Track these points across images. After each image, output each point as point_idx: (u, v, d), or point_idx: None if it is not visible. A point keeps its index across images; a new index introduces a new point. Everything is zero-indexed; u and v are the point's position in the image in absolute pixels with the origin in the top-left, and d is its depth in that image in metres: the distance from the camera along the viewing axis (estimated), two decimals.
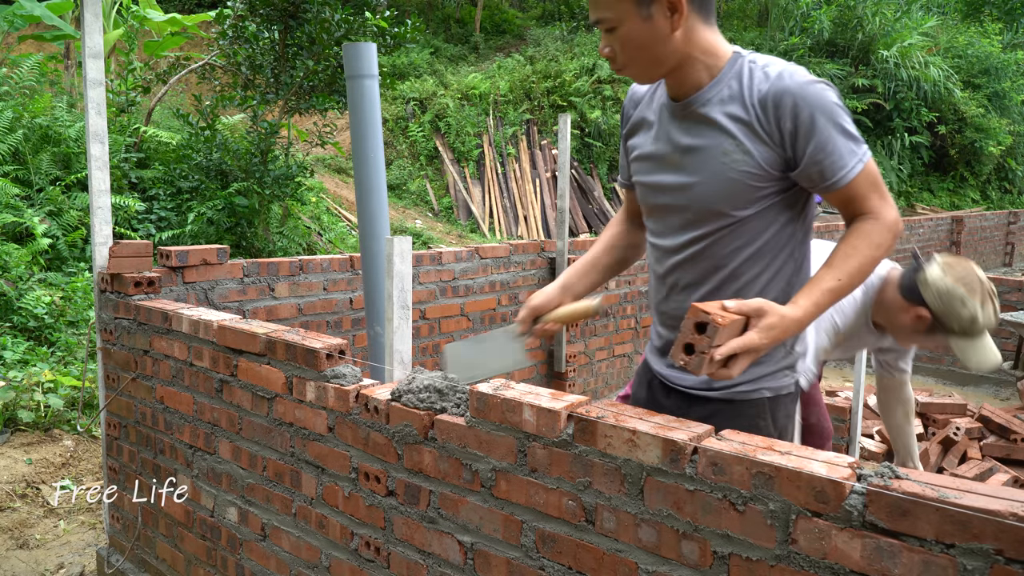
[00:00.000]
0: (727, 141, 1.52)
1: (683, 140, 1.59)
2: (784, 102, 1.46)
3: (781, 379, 1.64)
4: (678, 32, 1.50)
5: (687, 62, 1.54)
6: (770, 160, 1.50)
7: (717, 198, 1.54)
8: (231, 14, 6.46)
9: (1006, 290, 6.30)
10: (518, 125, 12.69)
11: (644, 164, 1.68)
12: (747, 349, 1.36)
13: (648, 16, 1.48)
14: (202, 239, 6.53)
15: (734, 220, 1.55)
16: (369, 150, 2.83)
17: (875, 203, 1.49)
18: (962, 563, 1.03)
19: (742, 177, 1.51)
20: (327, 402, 1.90)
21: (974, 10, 21.96)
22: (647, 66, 1.55)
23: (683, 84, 1.57)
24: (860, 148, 1.49)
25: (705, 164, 1.55)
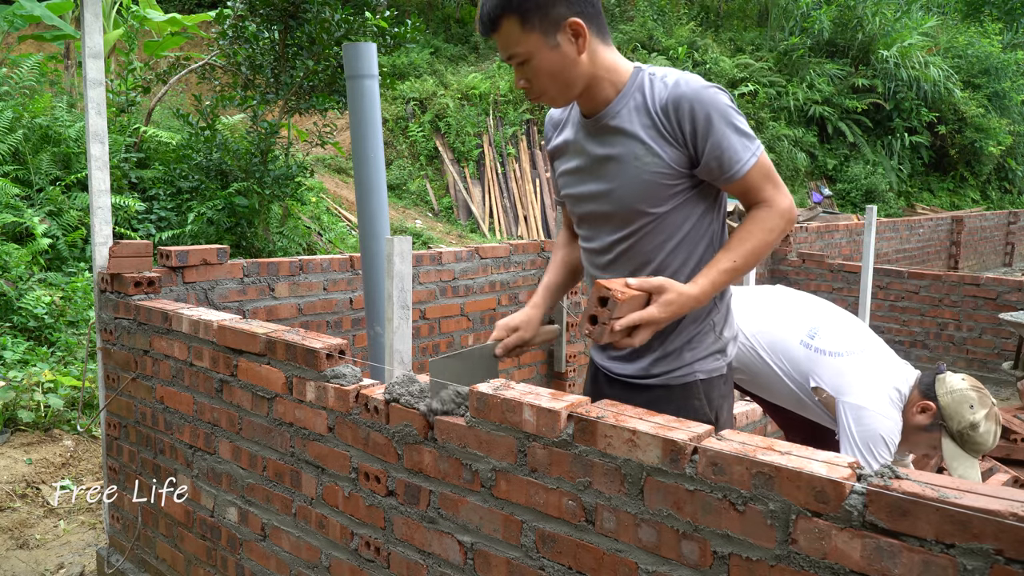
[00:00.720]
0: (637, 147, 1.65)
1: (598, 151, 1.73)
2: (682, 106, 1.60)
3: (712, 362, 1.78)
4: (584, 55, 1.64)
5: (594, 81, 1.68)
6: (677, 159, 1.63)
7: (635, 199, 1.68)
8: (231, 14, 6.46)
9: (1006, 290, 6.30)
10: (518, 125, 12.69)
11: (568, 178, 1.82)
12: (646, 321, 1.55)
13: (556, 45, 1.61)
14: (202, 239, 6.53)
15: (654, 217, 1.68)
16: (369, 150, 2.83)
17: (769, 192, 1.65)
18: (962, 563, 1.03)
19: (655, 178, 1.65)
20: (327, 402, 1.90)
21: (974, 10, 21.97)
22: (561, 90, 1.68)
23: (593, 101, 1.71)
24: (753, 144, 1.63)
25: (621, 170, 1.69)
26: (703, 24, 16.58)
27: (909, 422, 2.43)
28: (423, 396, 1.70)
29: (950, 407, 2.36)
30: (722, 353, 1.79)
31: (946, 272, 8.12)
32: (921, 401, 2.41)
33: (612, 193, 1.71)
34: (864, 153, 15.36)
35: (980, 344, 6.40)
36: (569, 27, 1.60)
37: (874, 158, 15.39)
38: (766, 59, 15.66)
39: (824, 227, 8.06)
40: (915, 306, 6.71)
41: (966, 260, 11.05)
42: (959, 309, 6.48)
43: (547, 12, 1.59)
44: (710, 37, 15.74)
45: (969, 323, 6.43)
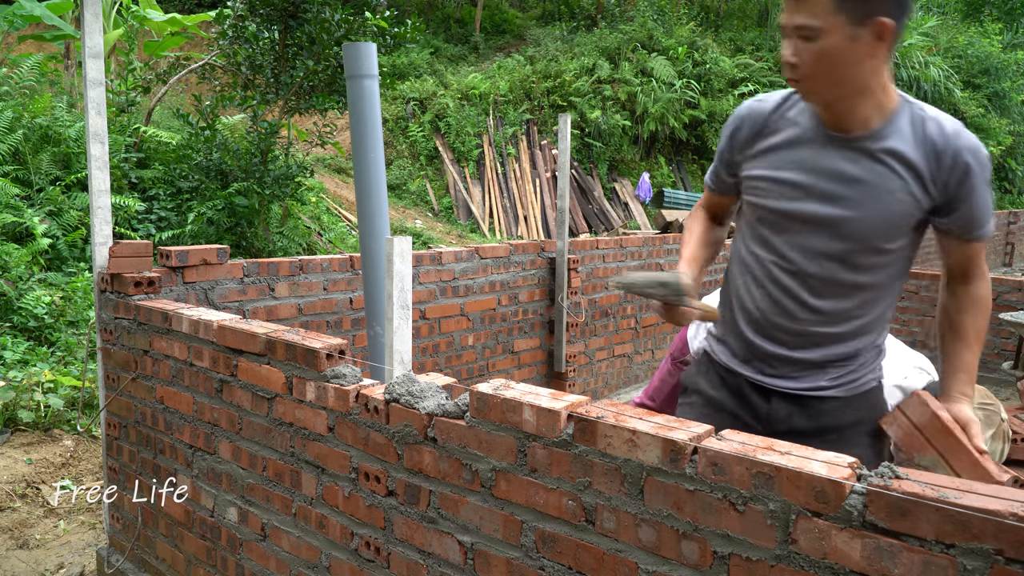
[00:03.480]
0: (894, 180, 1.59)
1: (847, 170, 1.61)
2: (960, 159, 1.56)
3: (877, 371, 1.81)
4: (872, 61, 1.53)
5: (864, 94, 1.57)
6: (926, 203, 1.61)
7: (876, 232, 1.62)
8: (231, 14, 6.46)
9: (1006, 290, 6.30)
10: (518, 125, 12.69)
11: (776, 187, 1.68)
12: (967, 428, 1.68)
13: (855, 37, 1.50)
14: (202, 239, 6.53)
15: (879, 255, 1.65)
16: (369, 150, 2.83)
17: (983, 264, 1.70)
18: (962, 563, 1.03)
19: (900, 215, 1.60)
20: (327, 402, 1.90)
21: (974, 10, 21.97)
22: (830, 84, 1.56)
23: (851, 115, 1.59)
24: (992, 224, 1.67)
25: (869, 198, 1.60)
26: (703, 24, 16.59)
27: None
28: (423, 396, 1.70)
29: None
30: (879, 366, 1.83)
31: None
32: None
33: (851, 221, 1.61)
34: None
35: None
36: (877, 26, 1.48)
37: None
38: (766, 59, 15.66)
39: None
40: (915, 306, 6.71)
41: None
42: None
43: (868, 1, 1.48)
44: (710, 37, 15.75)
45: None
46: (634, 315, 5.51)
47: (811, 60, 1.53)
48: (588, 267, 5.15)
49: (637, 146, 14.08)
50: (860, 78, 1.54)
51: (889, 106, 1.59)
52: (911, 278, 6.70)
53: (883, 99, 1.58)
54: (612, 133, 12.98)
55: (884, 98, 1.58)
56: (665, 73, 14.06)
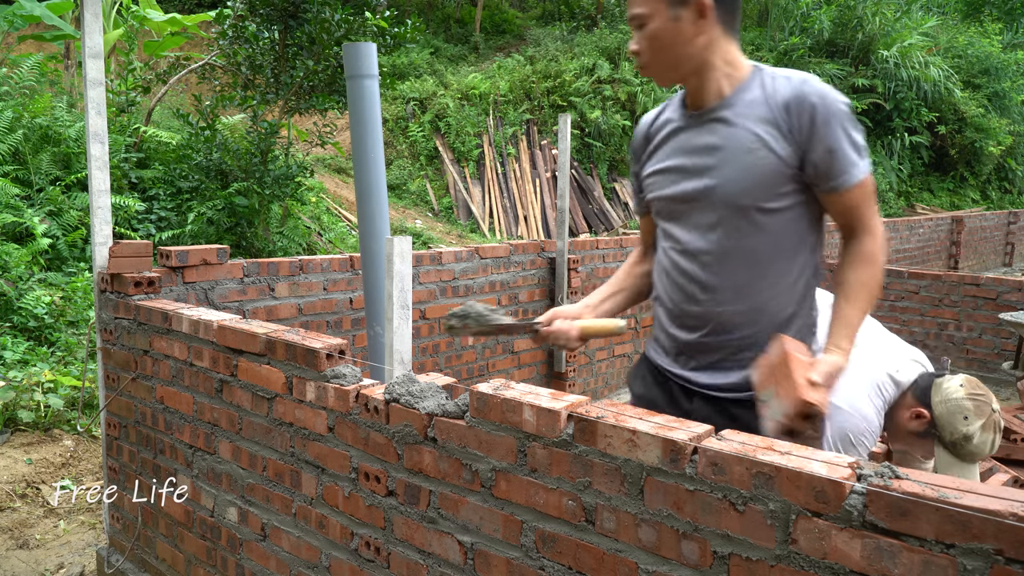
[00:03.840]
0: (751, 139, 1.61)
1: (706, 141, 1.67)
2: (805, 103, 1.57)
3: None
4: (702, 38, 1.61)
5: (707, 69, 1.65)
6: (790, 157, 1.59)
7: (742, 193, 1.62)
8: (231, 14, 6.46)
9: (1006, 290, 6.30)
10: (518, 125, 12.69)
11: (662, 177, 1.76)
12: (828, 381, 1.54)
13: (677, 17, 1.59)
14: (202, 239, 6.53)
15: (759, 216, 1.63)
16: (369, 150, 2.83)
17: (869, 216, 1.63)
18: (962, 563, 1.03)
19: (765, 172, 1.60)
20: (327, 402, 1.90)
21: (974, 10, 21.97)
22: (668, 66, 1.65)
23: (703, 92, 1.67)
24: (864, 161, 1.61)
25: (729, 161, 1.63)
26: None
27: (903, 427, 2.37)
28: (423, 396, 1.70)
29: (943, 417, 2.28)
30: None
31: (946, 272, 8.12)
32: (915, 407, 2.33)
33: (717, 187, 1.64)
34: None
35: (980, 344, 6.40)
36: (696, 4, 1.58)
37: (874, 158, 15.39)
38: (766, 59, 15.65)
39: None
40: (915, 306, 6.71)
41: (966, 260, 11.05)
42: (959, 309, 6.48)
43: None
44: None
45: (969, 323, 6.43)
46: (634, 315, 5.51)
47: (647, 46, 1.63)
48: (588, 267, 5.15)
49: None
50: (695, 55, 1.62)
51: (739, 76, 1.65)
52: (911, 278, 6.70)
53: (731, 71, 1.65)
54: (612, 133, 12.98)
55: (732, 70, 1.65)
56: None
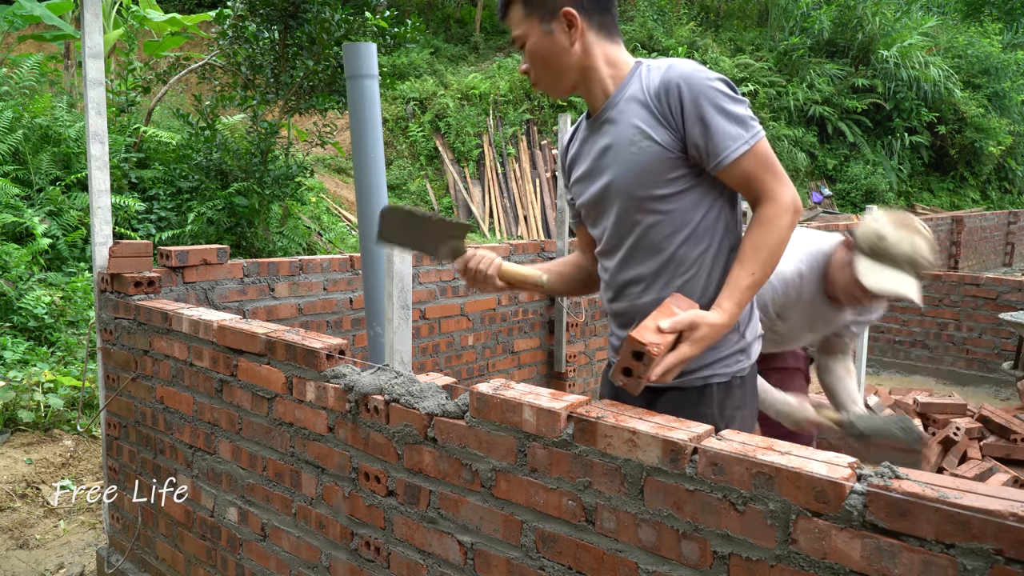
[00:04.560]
0: (631, 130, 1.64)
1: (600, 144, 1.73)
2: (671, 88, 1.58)
3: (733, 364, 1.72)
4: (576, 46, 1.66)
5: (590, 74, 1.69)
6: (670, 143, 1.61)
7: (633, 184, 1.66)
8: (231, 14, 6.46)
9: (1006, 290, 6.30)
10: (518, 125, 12.69)
11: (580, 186, 1.81)
12: (680, 362, 1.50)
13: (549, 31, 1.65)
14: (202, 239, 6.53)
15: (656, 203, 1.65)
16: (369, 150, 2.83)
17: (769, 183, 1.59)
18: (962, 563, 1.03)
19: (649, 161, 1.62)
20: (327, 402, 1.90)
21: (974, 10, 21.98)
22: (554, 77, 1.71)
23: (594, 96, 1.72)
24: (748, 131, 1.58)
25: (617, 156, 1.68)
26: (703, 24, 16.59)
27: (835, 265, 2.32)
28: (423, 396, 1.70)
29: (860, 230, 2.24)
30: (744, 354, 1.74)
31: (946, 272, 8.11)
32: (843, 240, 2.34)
33: (611, 184, 1.69)
34: (864, 153, 15.37)
35: (980, 344, 6.40)
36: (564, 16, 1.63)
37: (874, 158, 15.40)
38: (766, 59, 15.66)
39: (824, 227, 8.06)
40: (915, 306, 6.70)
41: (966, 260, 11.05)
42: (959, 309, 6.48)
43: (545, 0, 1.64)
44: (710, 37, 15.75)
45: (969, 323, 6.43)
46: None
47: (531, 64, 1.71)
48: None
49: None
50: (575, 64, 1.67)
51: (621, 74, 1.69)
52: None
53: (614, 71, 1.69)
54: None
55: (614, 70, 1.69)
56: None
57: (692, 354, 1.50)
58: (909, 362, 6.73)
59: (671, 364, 1.48)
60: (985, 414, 4.65)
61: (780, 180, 1.60)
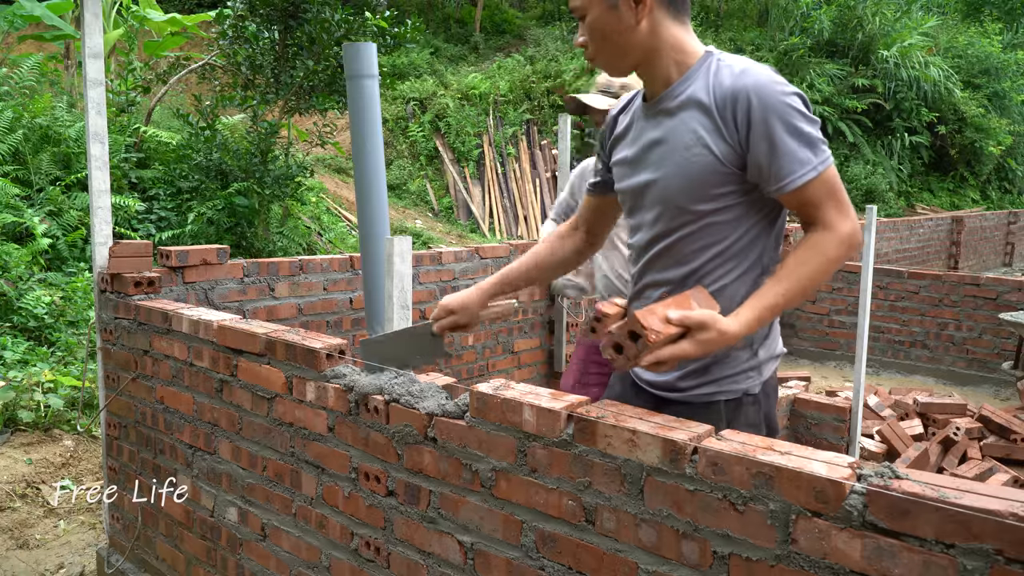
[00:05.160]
0: (688, 135, 1.52)
1: (651, 135, 1.61)
2: (741, 98, 1.46)
3: (743, 382, 1.63)
4: (643, 24, 1.53)
5: (654, 56, 1.56)
6: (728, 156, 1.49)
7: (678, 192, 1.55)
8: (231, 14, 6.46)
9: (1006, 290, 6.30)
10: (518, 125, 12.69)
11: (621, 169, 1.71)
12: (677, 356, 1.39)
13: (614, 5, 1.52)
14: (202, 239, 6.53)
15: (696, 216, 1.55)
16: (369, 150, 2.83)
17: (830, 213, 1.46)
18: (962, 563, 1.03)
19: (701, 171, 1.51)
20: (327, 402, 1.90)
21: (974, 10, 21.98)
22: (613, 56, 1.58)
23: (653, 80, 1.60)
24: (818, 155, 1.46)
25: (668, 157, 1.56)
26: (703, 24, 16.58)
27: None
28: (423, 396, 1.70)
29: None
30: (756, 371, 1.64)
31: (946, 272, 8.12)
32: None
33: (656, 183, 1.58)
34: (864, 153, 15.37)
35: (980, 344, 6.40)
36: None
37: (874, 158, 15.40)
38: (766, 59, 15.65)
39: None
40: (915, 306, 6.71)
41: (966, 260, 11.05)
42: (959, 309, 6.48)
43: None
44: (710, 37, 15.75)
45: (969, 323, 6.43)
46: None
47: (590, 38, 1.57)
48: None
49: None
50: (639, 43, 1.55)
51: (688, 62, 1.56)
52: (911, 278, 6.70)
53: (680, 57, 1.56)
54: None
55: (681, 55, 1.56)
56: None
57: (692, 353, 1.40)
58: (909, 362, 6.73)
59: (665, 356, 1.38)
60: (985, 414, 4.65)
61: (842, 211, 1.47)
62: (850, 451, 3.92)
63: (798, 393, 4.17)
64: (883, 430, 4.44)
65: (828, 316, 6.98)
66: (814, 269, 1.45)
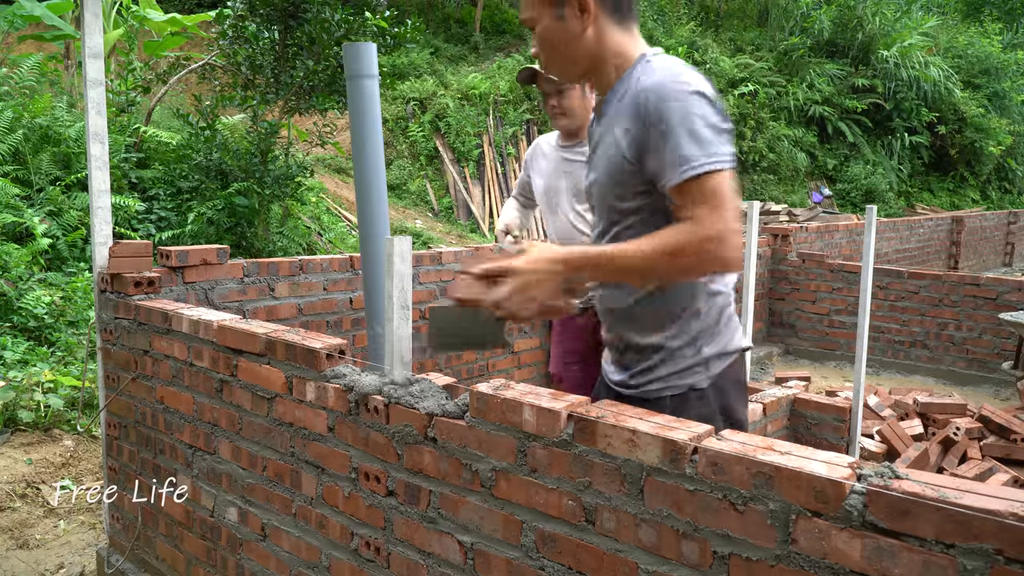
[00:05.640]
0: (611, 136, 1.59)
1: (595, 138, 1.70)
2: (642, 99, 1.50)
3: (689, 377, 1.66)
4: (589, 31, 1.59)
5: (600, 63, 1.63)
6: (635, 156, 1.53)
7: (607, 191, 1.63)
8: (231, 14, 6.46)
9: (1006, 290, 6.30)
10: (518, 125, 12.69)
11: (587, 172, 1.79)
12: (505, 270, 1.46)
13: (561, 16, 1.58)
14: (202, 239, 6.53)
15: (623, 214, 1.61)
16: (369, 150, 2.83)
17: (702, 211, 1.42)
18: (962, 563, 1.03)
19: (620, 172, 1.57)
20: (327, 402, 1.90)
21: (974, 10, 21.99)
22: (564, 65, 1.65)
23: (601, 85, 1.67)
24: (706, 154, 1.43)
25: (601, 159, 1.64)
26: (703, 24, 16.59)
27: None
28: (423, 396, 1.70)
29: None
30: (702, 367, 1.67)
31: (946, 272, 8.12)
32: None
33: (595, 183, 1.68)
34: (864, 153, 15.37)
35: (980, 344, 6.40)
36: (576, 0, 1.57)
37: (874, 158, 15.40)
38: (766, 59, 15.67)
39: (824, 227, 8.06)
40: (915, 306, 6.71)
41: (966, 260, 11.05)
42: (959, 309, 6.48)
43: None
44: (710, 37, 15.75)
45: (969, 323, 6.43)
46: None
47: (541, 48, 1.64)
48: None
49: None
50: (587, 50, 1.60)
51: (626, 66, 1.61)
52: (911, 278, 6.70)
53: (620, 61, 1.61)
54: None
55: (622, 60, 1.61)
56: None
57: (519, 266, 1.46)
58: (909, 362, 6.73)
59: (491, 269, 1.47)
60: (985, 414, 4.65)
61: (717, 212, 1.42)
62: (850, 451, 3.92)
63: (798, 393, 4.17)
64: (883, 430, 4.43)
65: (828, 316, 6.98)
66: (658, 249, 1.44)
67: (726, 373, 1.70)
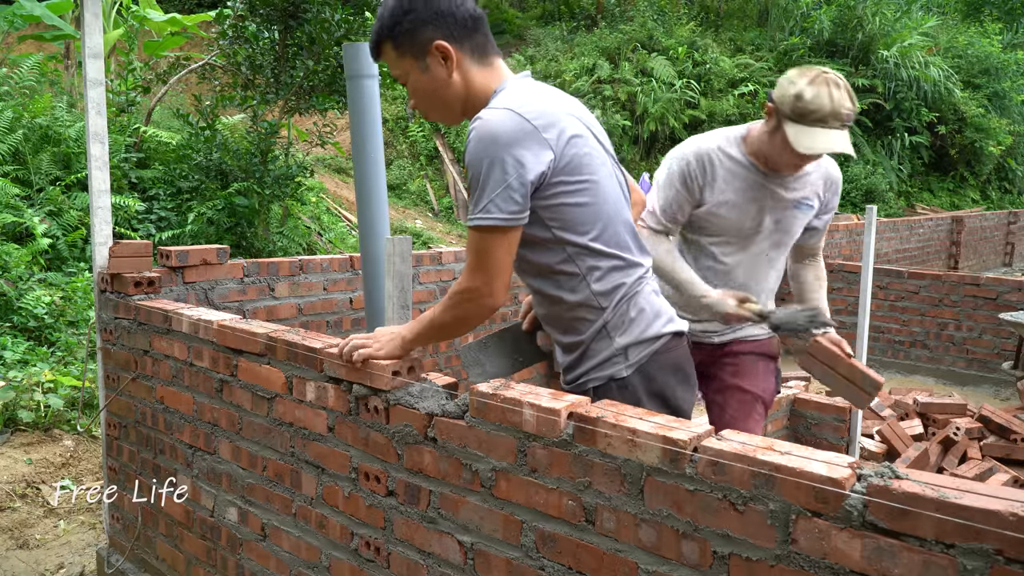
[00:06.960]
0: None
1: None
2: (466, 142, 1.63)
3: (608, 368, 1.77)
4: (455, 76, 1.69)
5: (469, 104, 1.73)
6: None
7: None
8: (231, 14, 6.46)
9: (1006, 290, 6.30)
10: None
11: None
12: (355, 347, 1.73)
13: (425, 67, 1.68)
14: (202, 239, 6.53)
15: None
16: (369, 150, 2.83)
17: (471, 264, 1.62)
18: (962, 563, 1.03)
19: None
20: (327, 402, 1.90)
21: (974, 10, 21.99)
22: (442, 110, 1.76)
23: None
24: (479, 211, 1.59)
25: None
26: (703, 24, 16.58)
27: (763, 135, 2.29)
28: (423, 396, 1.70)
29: (775, 93, 2.23)
30: (621, 357, 1.76)
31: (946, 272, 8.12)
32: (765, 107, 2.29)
33: None
34: (864, 153, 15.36)
35: (980, 344, 6.40)
36: (436, 50, 1.65)
37: (874, 158, 15.39)
38: (766, 59, 15.66)
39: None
40: (915, 306, 6.71)
41: (966, 260, 11.05)
42: (959, 309, 6.48)
43: (415, 37, 1.66)
44: (710, 37, 15.74)
45: (969, 323, 6.43)
46: None
47: (416, 100, 1.76)
48: None
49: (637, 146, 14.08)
50: (456, 95, 1.71)
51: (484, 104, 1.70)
52: (911, 278, 6.70)
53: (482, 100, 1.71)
54: (612, 133, 12.97)
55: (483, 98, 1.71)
56: (665, 73, 14.05)
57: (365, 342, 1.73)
58: (909, 362, 6.73)
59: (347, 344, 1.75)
60: (985, 414, 4.65)
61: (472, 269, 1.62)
62: (850, 451, 3.92)
63: (798, 393, 4.17)
64: (883, 430, 4.44)
65: None
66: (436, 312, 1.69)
67: (655, 360, 1.78)
